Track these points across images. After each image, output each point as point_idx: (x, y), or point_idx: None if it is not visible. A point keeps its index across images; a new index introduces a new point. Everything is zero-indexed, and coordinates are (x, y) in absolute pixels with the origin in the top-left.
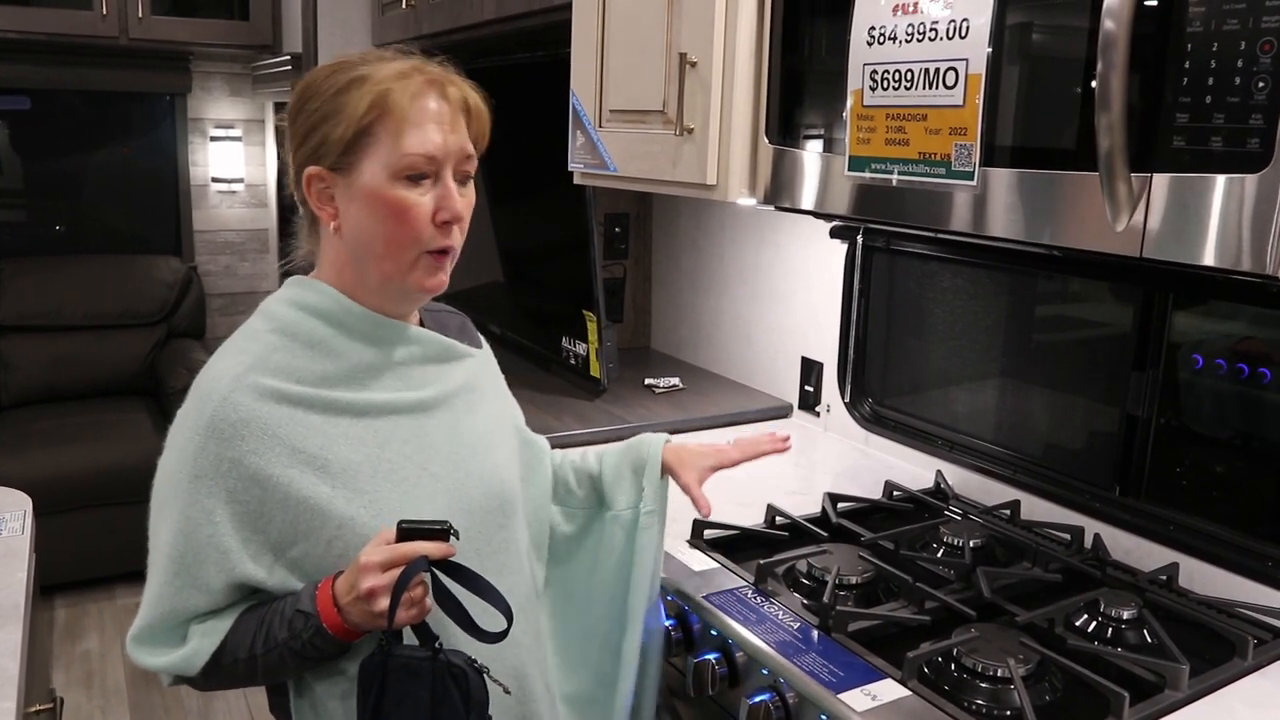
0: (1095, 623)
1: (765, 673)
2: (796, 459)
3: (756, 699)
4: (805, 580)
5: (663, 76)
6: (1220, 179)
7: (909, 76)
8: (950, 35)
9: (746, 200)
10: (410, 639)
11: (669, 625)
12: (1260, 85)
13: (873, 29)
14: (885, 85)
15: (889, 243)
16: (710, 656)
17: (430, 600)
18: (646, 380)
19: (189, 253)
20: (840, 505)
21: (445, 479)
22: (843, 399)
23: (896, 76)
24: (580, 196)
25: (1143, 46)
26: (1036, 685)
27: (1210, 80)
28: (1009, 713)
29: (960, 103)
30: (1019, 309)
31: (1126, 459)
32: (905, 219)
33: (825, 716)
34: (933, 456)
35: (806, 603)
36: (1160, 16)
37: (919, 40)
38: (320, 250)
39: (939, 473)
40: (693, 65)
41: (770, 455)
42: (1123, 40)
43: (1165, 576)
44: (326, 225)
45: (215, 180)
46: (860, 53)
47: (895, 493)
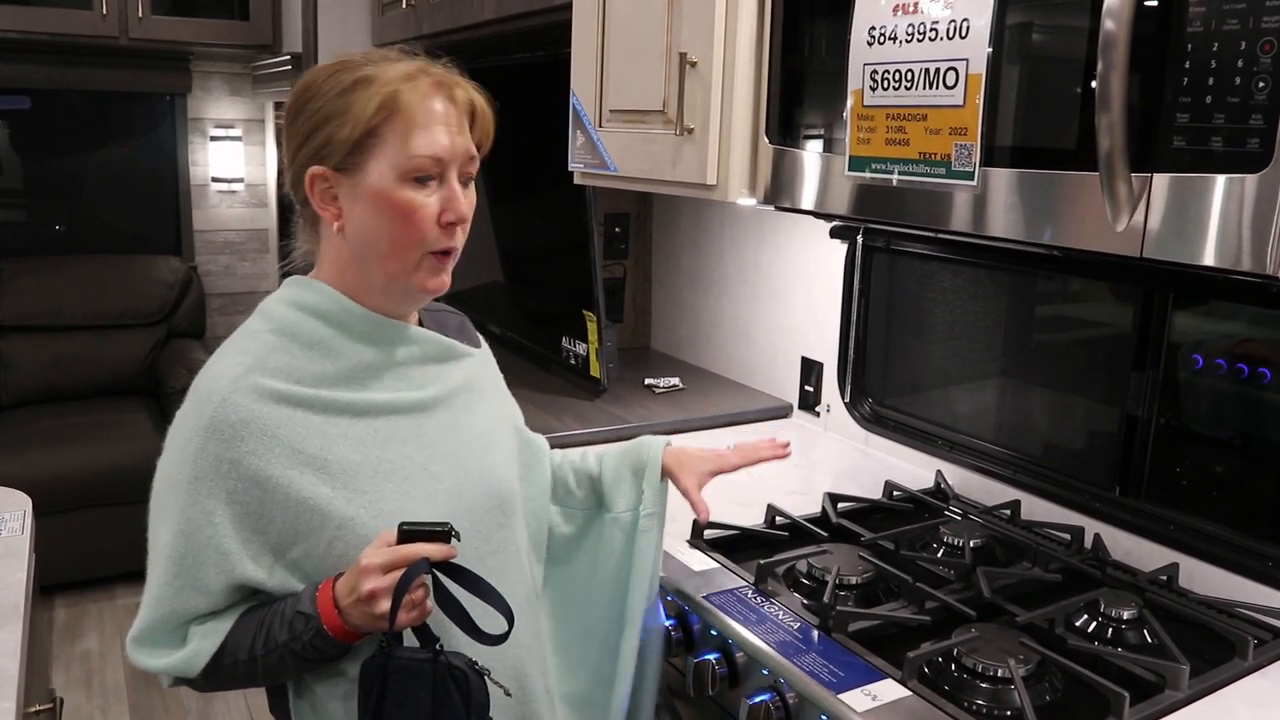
0: (1095, 623)
1: (765, 673)
2: (796, 459)
3: (757, 699)
4: (805, 580)
5: (663, 76)
6: (1220, 179)
7: (909, 76)
8: (950, 35)
9: (746, 200)
10: (411, 641)
11: (669, 625)
12: (1260, 85)
13: (873, 29)
14: (885, 85)
15: (889, 243)
16: (710, 656)
17: (431, 602)
18: (646, 380)
19: (189, 252)
20: (840, 505)
21: (445, 479)
22: (843, 399)
23: (897, 76)
24: (580, 196)
25: (1143, 46)
26: (1037, 685)
27: (1210, 80)
28: (1009, 713)
29: (960, 103)
30: (1019, 309)
31: (1126, 459)
32: (905, 219)
33: (825, 717)
34: (933, 456)
35: (807, 603)
36: (1160, 16)
37: (919, 40)
38: (320, 250)
39: (939, 473)
40: (693, 65)
41: (770, 461)
42: (1123, 40)
43: (1165, 576)
44: (330, 226)
45: (215, 180)
46: (860, 53)
47: (895, 493)
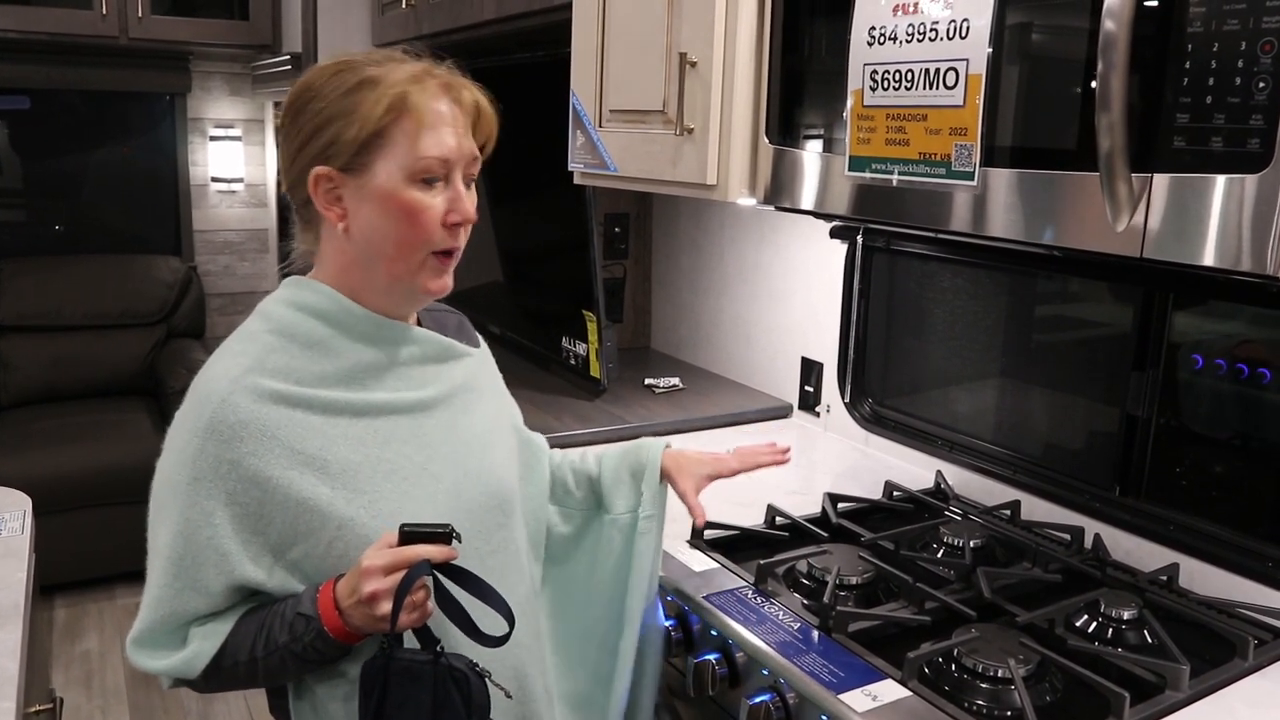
0: (1095, 623)
1: (765, 673)
2: (796, 459)
3: (757, 699)
4: (805, 580)
5: (663, 76)
6: (1220, 179)
7: (909, 77)
8: (950, 35)
9: (746, 200)
10: (411, 642)
11: (669, 625)
12: (1261, 86)
13: (873, 29)
14: (885, 85)
15: (889, 243)
16: (710, 657)
17: (432, 604)
18: (646, 380)
19: (189, 252)
20: (840, 505)
21: (445, 479)
22: (843, 399)
23: (897, 77)
24: (580, 196)
25: (1143, 47)
26: (1037, 686)
27: (1211, 80)
28: (1009, 713)
29: (960, 103)
30: (1019, 309)
31: (1126, 459)
32: (905, 219)
33: (826, 717)
34: (933, 456)
35: (807, 603)
36: (1161, 17)
37: (919, 40)
38: (320, 251)
39: (939, 473)
40: (693, 65)
41: (769, 468)
42: (1123, 40)
43: (1165, 577)
44: (334, 226)
45: (215, 180)
46: (860, 53)
47: (895, 493)
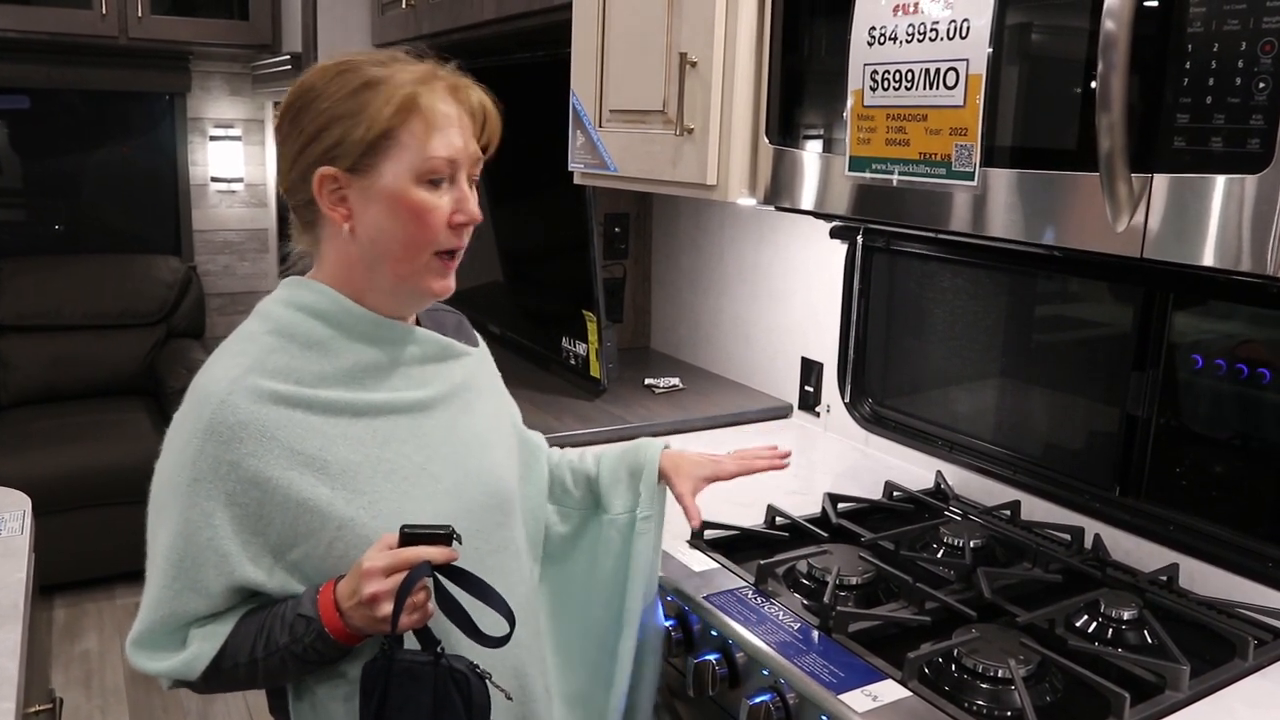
0: (1096, 623)
1: (765, 673)
2: (796, 459)
3: (757, 699)
4: (805, 581)
5: (663, 76)
6: (1220, 179)
7: (909, 77)
8: (951, 35)
9: (746, 200)
10: (412, 643)
11: (669, 625)
12: (1261, 86)
13: (873, 29)
14: (886, 85)
15: (889, 243)
16: (710, 657)
17: (433, 605)
18: (646, 380)
19: (188, 252)
20: (840, 505)
21: (445, 479)
22: (843, 399)
23: (897, 77)
24: (580, 196)
25: (1143, 47)
26: (1037, 686)
27: (1211, 81)
28: (1009, 713)
29: (961, 103)
30: (1019, 309)
31: (1126, 459)
32: (905, 219)
33: (826, 717)
34: (933, 457)
35: (807, 603)
36: (1161, 17)
37: (919, 40)
38: (321, 252)
39: (939, 473)
40: (693, 65)
41: (767, 472)
42: (1123, 41)
43: (1165, 577)
44: (339, 227)
45: (215, 180)
46: (861, 53)
47: (895, 493)
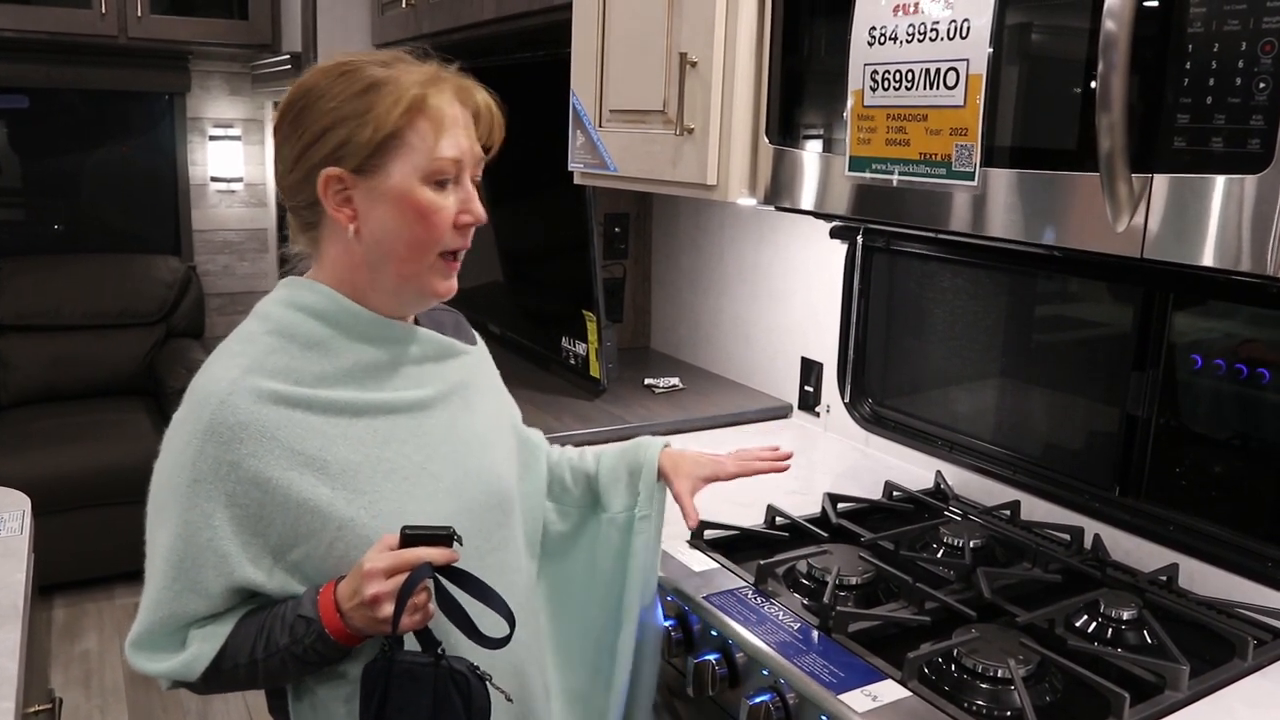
0: (1095, 623)
1: (765, 673)
2: (796, 459)
3: (757, 699)
4: (805, 581)
5: (663, 76)
6: (1220, 180)
7: (909, 77)
8: (951, 35)
9: (746, 200)
10: (412, 644)
11: (669, 625)
12: (1261, 86)
13: (873, 29)
14: (886, 85)
15: (889, 243)
16: (710, 657)
17: (434, 606)
18: (646, 380)
19: (188, 252)
20: (840, 505)
21: (445, 478)
22: (843, 399)
23: (897, 77)
24: (580, 196)
25: (1143, 47)
26: (1037, 686)
27: (1211, 81)
28: (1009, 713)
29: (961, 103)
30: (1019, 309)
31: (1126, 459)
32: (905, 219)
33: (826, 717)
34: (933, 457)
35: (807, 603)
36: (1161, 17)
37: (920, 40)
38: (321, 252)
39: (939, 473)
40: (693, 65)
41: (767, 474)
42: (1124, 41)
43: (1165, 577)
44: (344, 228)
45: (214, 180)
46: (861, 53)
47: (895, 493)
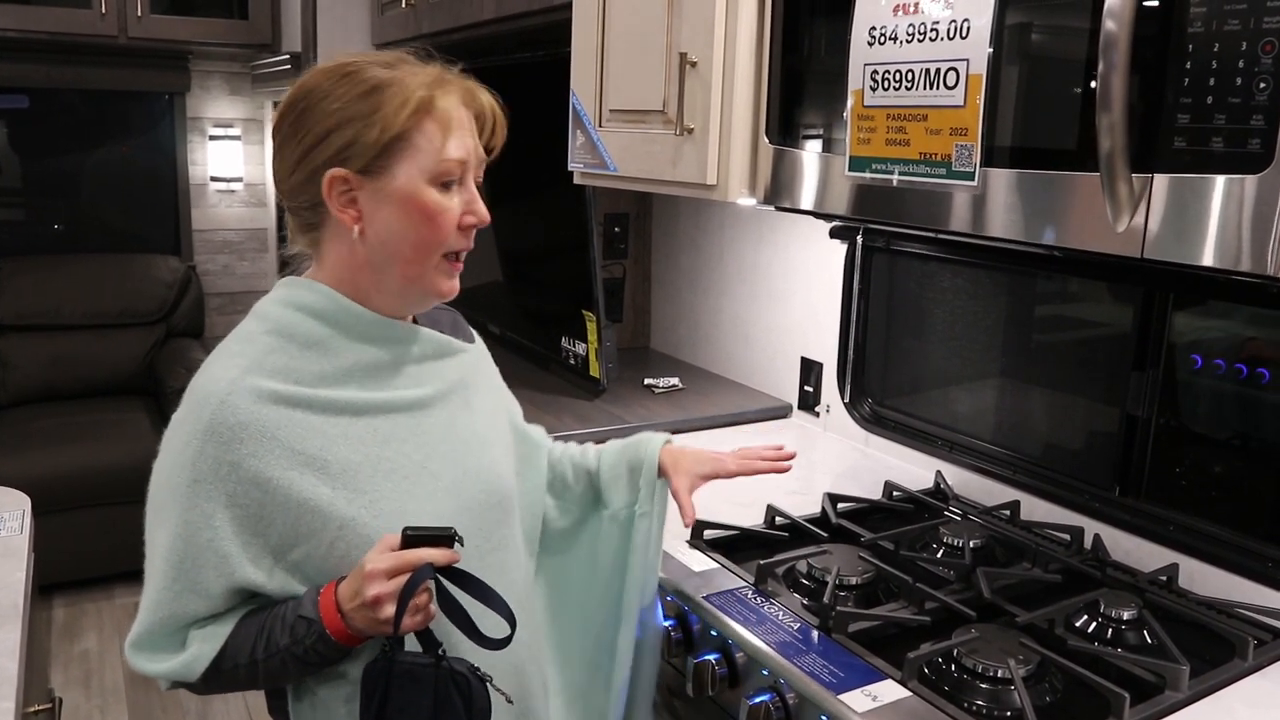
0: (1095, 623)
1: (765, 673)
2: (796, 459)
3: (756, 699)
4: (805, 581)
5: (663, 76)
6: (1220, 180)
7: (909, 77)
8: (951, 35)
9: (746, 200)
10: (413, 644)
11: (669, 625)
12: (1261, 86)
13: (873, 29)
14: (886, 85)
15: (889, 243)
16: (710, 657)
17: (435, 606)
18: (646, 380)
19: (188, 252)
20: (840, 505)
21: (444, 477)
22: (842, 399)
23: (897, 77)
24: (580, 196)
25: (1144, 47)
26: (1037, 686)
27: (1211, 81)
28: (1009, 713)
29: (961, 103)
30: (1019, 309)
31: (1126, 459)
32: (905, 219)
33: (825, 717)
34: (932, 457)
35: (806, 603)
36: (1161, 17)
37: (920, 40)
38: (323, 253)
39: (939, 473)
40: (693, 65)
41: (768, 474)
42: (1124, 41)
43: (1165, 577)
44: (348, 229)
45: (214, 179)
46: (861, 53)
47: (895, 493)
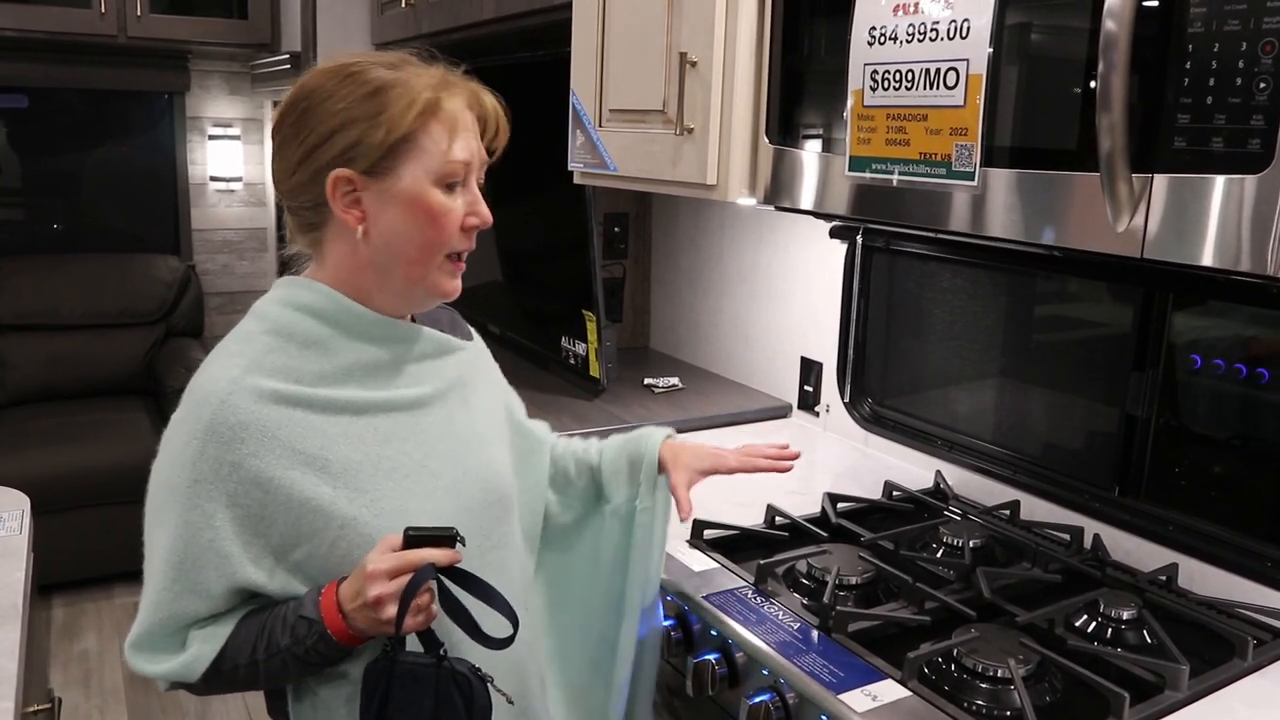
0: (1095, 623)
1: (765, 673)
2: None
3: (756, 699)
4: (805, 580)
5: (663, 76)
6: (1220, 180)
7: (909, 77)
8: (951, 35)
9: (746, 200)
10: (414, 644)
11: (669, 625)
12: (1261, 86)
13: (873, 29)
14: (886, 85)
15: (889, 243)
16: (710, 657)
17: (436, 606)
18: (646, 380)
19: (187, 251)
20: (840, 505)
21: (444, 476)
22: (842, 399)
23: (897, 77)
24: (580, 196)
25: (1144, 47)
26: (1037, 686)
27: (1211, 81)
28: (1009, 713)
29: (961, 103)
30: (1019, 309)
31: (1126, 459)
32: (905, 219)
33: (825, 717)
34: (932, 456)
35: (806, 603)
36: (1161, 17)
37: (920, 40)
38: (324, 253)
39: (939, 473)
40: (693, 65)
41: (770, 473)
42: (1124, 41)
43: (1165, 577)
44: (351, 229)
45: (213, 179)
46: (861, 53)
47: (895, 493)
